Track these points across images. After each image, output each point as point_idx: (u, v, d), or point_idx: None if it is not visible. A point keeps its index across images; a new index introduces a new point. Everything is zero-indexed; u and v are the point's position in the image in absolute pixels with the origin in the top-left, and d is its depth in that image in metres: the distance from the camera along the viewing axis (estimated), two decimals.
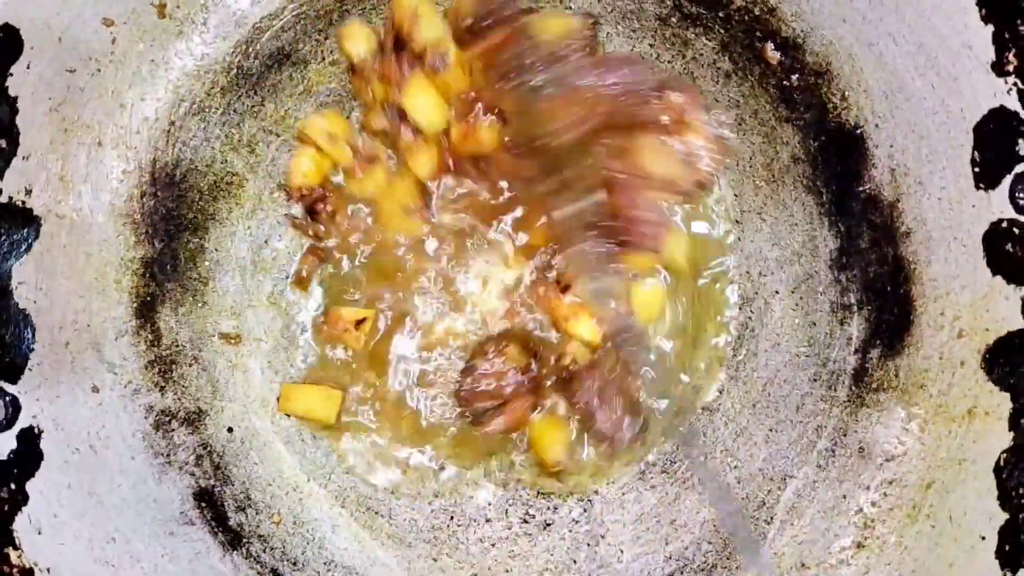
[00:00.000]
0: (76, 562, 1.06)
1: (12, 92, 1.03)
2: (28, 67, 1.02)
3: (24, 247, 1.06)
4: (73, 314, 1.10)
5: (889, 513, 1.12)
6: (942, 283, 1.10)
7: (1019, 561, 1.00)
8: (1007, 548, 1.01)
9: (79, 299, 1.11)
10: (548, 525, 1.23)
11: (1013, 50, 0.99)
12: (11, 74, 1.02)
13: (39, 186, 1.06)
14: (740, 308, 1.25)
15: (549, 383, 1.20)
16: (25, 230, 1.06)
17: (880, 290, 1.15)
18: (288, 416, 1.22)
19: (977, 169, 1.05)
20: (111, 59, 1.09)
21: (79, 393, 1.10)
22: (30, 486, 1.04)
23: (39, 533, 1.04)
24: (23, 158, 1.05)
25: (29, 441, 1.05)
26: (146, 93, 1.12)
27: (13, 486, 1.04)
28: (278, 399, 1.21)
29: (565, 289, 1.18)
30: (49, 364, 1.08)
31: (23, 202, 1.05)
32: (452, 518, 1.22)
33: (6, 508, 1.02)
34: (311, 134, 1.17)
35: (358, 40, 1.18)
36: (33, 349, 1.06)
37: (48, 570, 1.03)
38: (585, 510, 1.24)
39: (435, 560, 1.22)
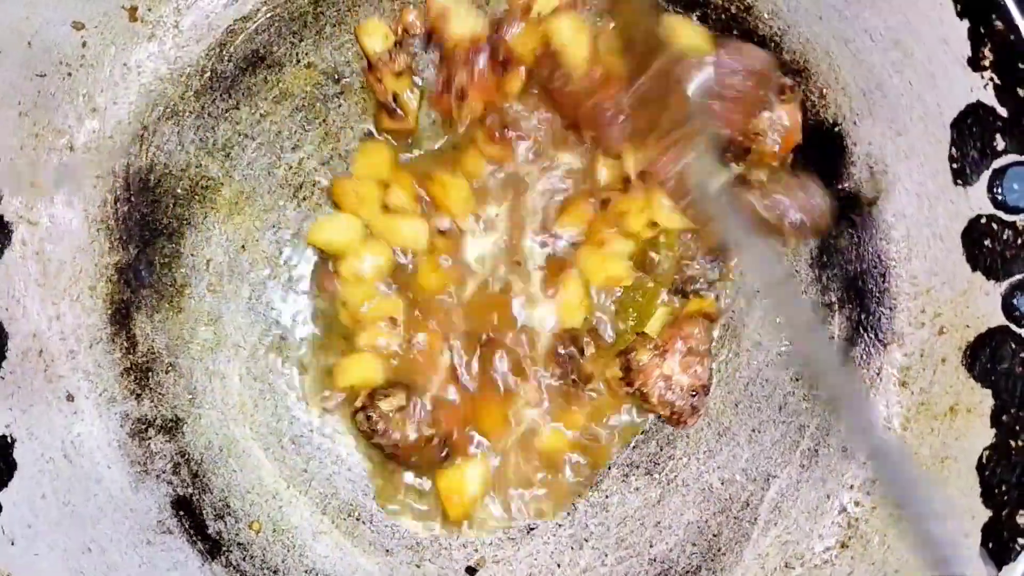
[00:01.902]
0: (51, 573, 1.04)
1: None
2: None
3: None
4: (46, 321, 1.09)
5: (872, 512, 1.11)
6: (922, 280, 1.10)
7: (1003, 558, 0.99)
8: (991, 545, 1.00)
9: (52, 306, 1.09)
10: (531, 530, 1.22)
11: (989, 45, 0.99)
12: None
13: (9, 191, 1.05)
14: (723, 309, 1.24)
15: None
16: None
17: (860, 288, 1.15)
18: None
19: (955, 165, 1.05)
20: (82, 63, 1.07)
21: (53, 401, 1.09)
22: (3, 496, 1.02)
23: (12, 544, 1.02)
24: None
25: (2, 450, 1.03)
26: (118, 97, 1.11)
27: None
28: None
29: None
30: (22, 372, 1.06)
31: None
32: None
33: None
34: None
35: (376, 37, 1.19)
36: (5, 357, 1.05)
37: None
38: (568, 514, 1.23)
39: (418, 567, 1.21)
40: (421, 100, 1.21)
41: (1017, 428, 1.01)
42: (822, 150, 1.14)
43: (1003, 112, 1.00)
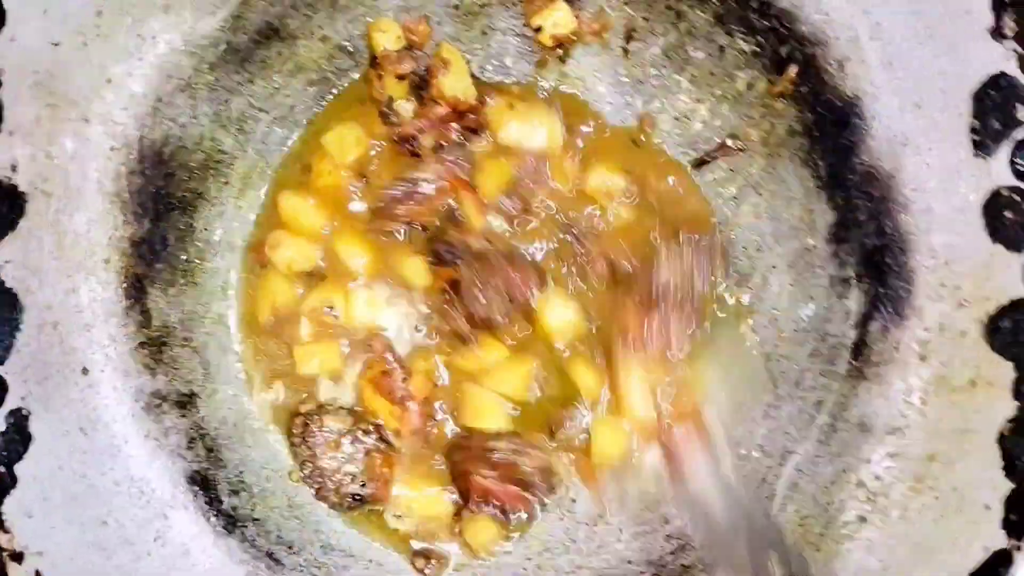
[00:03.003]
0: (67, 546, 1.04)
1: None
2: (12, 39, 1.00)
3: (8, 225, 1.03)
4: (62, 294, 1.08)
5: (892, 486, 1.11)
6: (941, 253, 1.09)
7: None
8: (1012, 517, 1.00)
9: (67, 279, 1.08)
10: (547, 504, 1.21)
11: (1012, 15, 0.98)
12: None
13: (24, 162, 1.04)
14: (737, 284, 1.24)
15: None
16: (10, 207, 1.03)
17: (879, 262, 1.14)
18: None
19: (976, 137, 1.04)
20: (97, 32, 1.06)
21: (68, 374, 1.08)
22: (19, 468, 1.02)
23: (29, 516, 1.02)
24: (8, 133, 1.03)
25: (18, 423, 1.03)
26: (133, 68, 1.10)
27: (2, 468, 1.02)
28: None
29: None
30: (38, 344, 1.05)
31: (8, 178, 1.03)
32: None
33: None
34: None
35: (388, 34, 1.19)
36: (21, 329, 1.04)
37: (39, 554, 1.01)
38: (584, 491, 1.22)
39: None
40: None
41: None
42: (840, 123, 1.14)
43: None
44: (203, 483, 1.15)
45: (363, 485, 1.17)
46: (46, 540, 1.02)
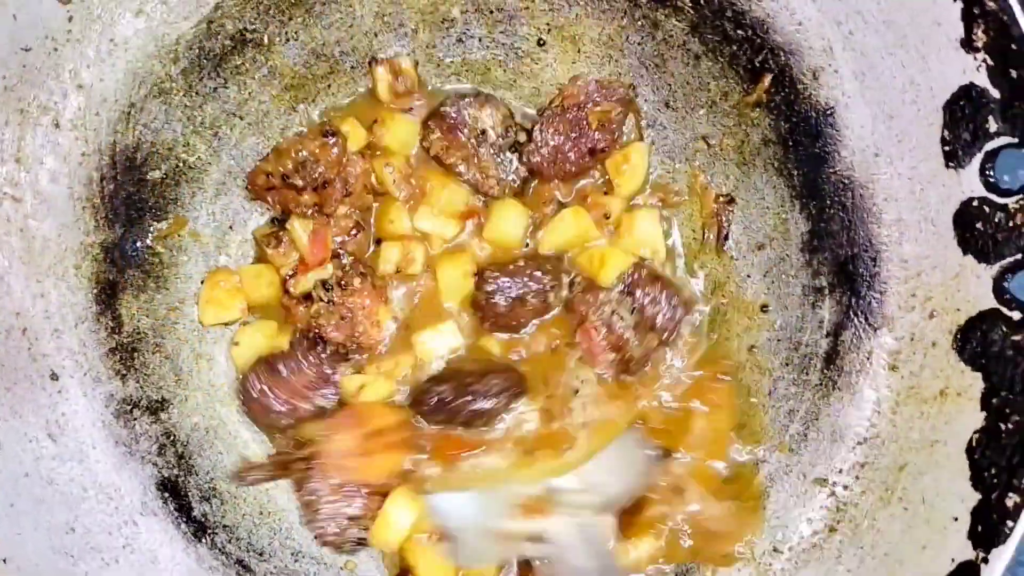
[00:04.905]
0: (34, 552, 1.03)
1: None
2: None
3: None
4: (31, 299, 1.08)
5: (861, 496, 1.11)
6: (913, 264, 1.09)
7: (992, 542, 0.99)
8: (980, 529, 1.00)
9: (37, 284, 1.08)
10: None
11: (982, 26, 0.98)
12: None
13: None
14: (712, 293, 1.24)
15: None
16: None
17: (851, 272, 1.14)
18: None
19: (947, 147, 1.04)
20: (68, 38, 1.06)
21: (37, 380, 1.08)
22: None
23: None
24: None
25: None
26: (105, 74, 1.10)
27: None
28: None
29: None
30: (5, 350, 1.05)
31: None
32: None
33: None
34: None
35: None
36: None
37: (4, 560, 1.01)
38: None
39: None
40: None
41: (1007, 411, 1.01)
42: (814, 133, 1.14)
43: (996, 94, 0.99)
44: (173, 490, 1.15)
45: (365, 528, 1.15)
46: (12, 547, 1.02)
